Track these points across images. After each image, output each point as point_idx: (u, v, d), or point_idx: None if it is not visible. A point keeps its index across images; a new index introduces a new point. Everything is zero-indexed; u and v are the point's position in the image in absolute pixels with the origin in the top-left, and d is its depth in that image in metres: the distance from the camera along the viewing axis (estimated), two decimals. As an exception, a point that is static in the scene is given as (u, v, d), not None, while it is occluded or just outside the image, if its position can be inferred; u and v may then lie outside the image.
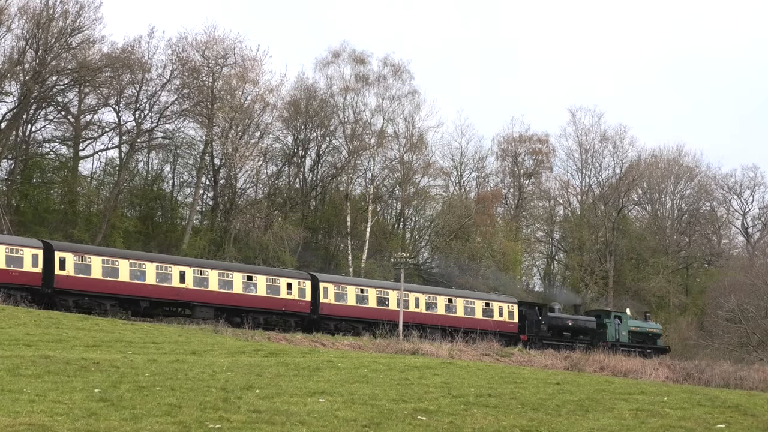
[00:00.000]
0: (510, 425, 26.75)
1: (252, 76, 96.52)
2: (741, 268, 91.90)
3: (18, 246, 65.39)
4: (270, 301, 74.26)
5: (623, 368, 76.33)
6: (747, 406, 35.42)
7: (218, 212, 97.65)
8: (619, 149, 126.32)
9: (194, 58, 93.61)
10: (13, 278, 63.49)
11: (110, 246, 78.10)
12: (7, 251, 63.93)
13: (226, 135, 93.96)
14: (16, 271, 63.90)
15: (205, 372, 34.01)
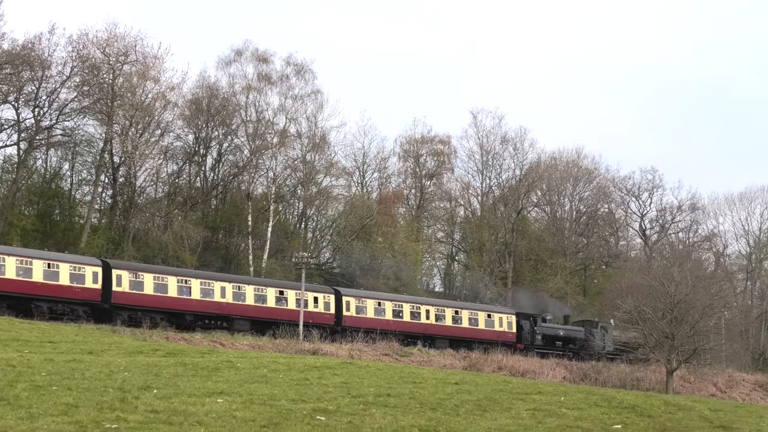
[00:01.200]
0: (409, 425, 26.87)
1: (153, 74, 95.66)
2: (638, 270, 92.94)
3: (80, 264, 70.71)
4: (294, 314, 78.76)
5: (521, 368, 76.94)
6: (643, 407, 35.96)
7: (117, 210, 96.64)
8: (520, 151, 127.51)
9: (95, 55, 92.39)
10: (76, 294, 69.13)
11: (7, 244, 77.10)
12: (71, 269, 69.51)
13: (126, 133, 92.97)
14: (79, 287, 69.30)
15: (102, 372, 33.70)
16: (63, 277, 69.08)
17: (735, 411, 40.01)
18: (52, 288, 68.34)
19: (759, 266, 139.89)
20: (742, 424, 34.91)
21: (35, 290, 67.52)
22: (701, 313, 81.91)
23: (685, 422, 33.54)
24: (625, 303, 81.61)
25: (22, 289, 66.83)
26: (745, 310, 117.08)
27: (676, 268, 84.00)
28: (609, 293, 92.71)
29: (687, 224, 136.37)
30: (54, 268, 69.03)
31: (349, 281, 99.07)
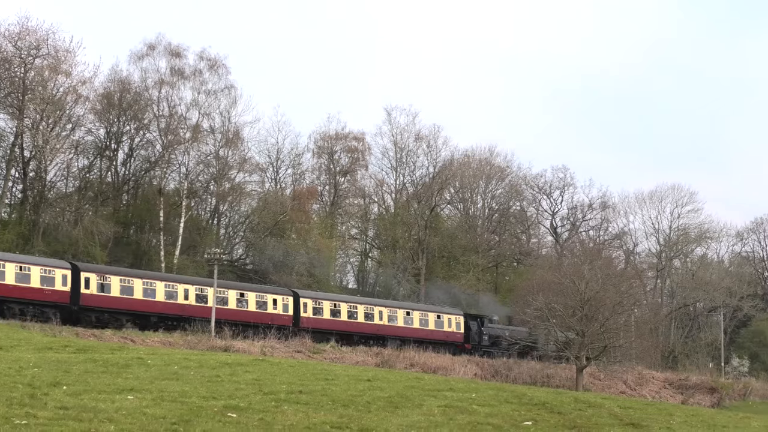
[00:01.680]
0: (320, 422, 26.83)
1: (65, 68, 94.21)
2: (549, 268, 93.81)
3: (50, 267, 72.05)
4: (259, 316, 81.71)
5: (433, 365, 77.26)
6: (554, 403, 36.23)
7: (27, 205, 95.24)
8: (433, 149, 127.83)
9: (6, 48, 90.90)
10: (46, 296, 70.23)
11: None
12: (42, 272, 70.85)
13: (37, 127, 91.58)
14: (49, 289, 70.60)
15: (12, 368, 33.28)
16: (34, 280, 70.11)
17: (645, 409, 40.45)
18: (23, 290, 69.41)
19: (669, 264, 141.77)
20: (651, 421, 35.29)
21: (7, 293, 68.31)
22: (611, 310, 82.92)
23: (595, 419, 33.84)
24: (536, 300, 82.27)
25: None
26: (655, 308, 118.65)
27: (587, 265, 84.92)
28: (520, 290, 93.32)
29: (598, 222, 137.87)
30: (26, 271, 70.06)
31: (262, 278, 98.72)
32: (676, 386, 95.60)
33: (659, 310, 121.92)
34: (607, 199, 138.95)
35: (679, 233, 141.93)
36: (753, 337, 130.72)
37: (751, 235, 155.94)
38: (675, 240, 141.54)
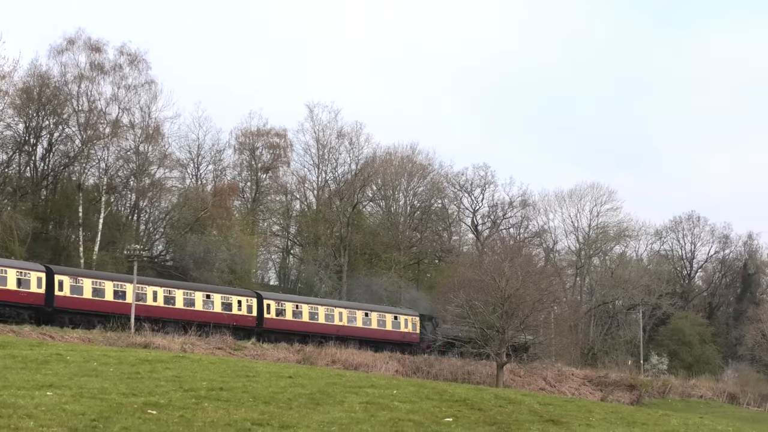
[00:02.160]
0: (241, 419, 26.73)
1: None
2: (470, 265, 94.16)
3: (26, 270, 73.77)
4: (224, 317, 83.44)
5: (354, 362, 77.22)
6: (474, 400, 36.39)
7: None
8: (355, 146, 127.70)
9: None
10: (22, 298, 71.97)
11: None
12: (17, 274, 72.53)
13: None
14: (25, 292, 72.33)
15: (-72, 365, 32.77)
16: (10, 282, 71.50)
17: (564, 405, 40.79)
18: (1, 293, 70.85)
19: (588, 262, 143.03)
20: (571, 418, 35.58)
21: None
22: (531, 307, 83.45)
23: (515, 416, 34.04)
24: (457, 297, 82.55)
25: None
26: (575, 306, 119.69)
27: (507, 263, 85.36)
28: (442, 287, 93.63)
29: (518, 220, 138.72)
30: (2, 273, 71.42)
31: (182, 274, 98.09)
32: (595, 383, 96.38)
33: (579, 308, 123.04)
34: (527, 197, 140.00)
35: (598, 231, 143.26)
36: (672, 335, 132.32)
37: (669, 234, 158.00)
38: (594, 238, 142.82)
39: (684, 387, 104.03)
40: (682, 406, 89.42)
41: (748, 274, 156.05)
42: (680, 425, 39.68)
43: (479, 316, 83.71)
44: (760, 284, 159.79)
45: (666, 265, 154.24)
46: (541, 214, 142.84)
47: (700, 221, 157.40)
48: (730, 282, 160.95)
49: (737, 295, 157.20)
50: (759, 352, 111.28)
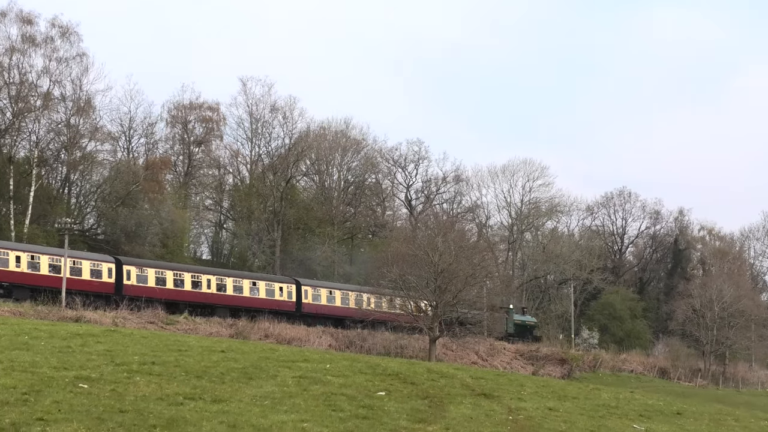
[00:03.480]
0: (173, 393, 26.59)
1: None
2: (404, 240, 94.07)
3: (98, 261, 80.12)
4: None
5: (288, 336, 77.12)
6: (407, 374, 36.47)
7: None
8: (289, 120, 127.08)
9: None
10: (95, 287, 77.88)
11: None
12: (91, 266, 78.82)
13: None
14: (97, 281, 78.62)
15: None
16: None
17: (496, 379, 41.01)
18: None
19: (520, 237, 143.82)
20: (502, 392, 35.78)
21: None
22: (464, 282, 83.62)
23: (448, 389, 34.16)
24: (390, 272, 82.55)
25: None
26: (507, 280, 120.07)
27: (440, 238, 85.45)
28: (375, 262, 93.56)
29: (451, 195, 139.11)
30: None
31: (113, 248, 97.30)
32: (527, 357, 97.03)
33: (510, 282, 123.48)
34: (460, 173, 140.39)
35: (530, 207, 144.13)
36: (602, 310, 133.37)
37: (601, 209, 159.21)
38: (526, 213, 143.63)
39: (615, 361, 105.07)
40: (612, 380, 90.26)
41: (679, 250, 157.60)
42: (611, 399, 40.02)
43: (412, 291, 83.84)
44: (691, 260, 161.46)
45: (597, 240, 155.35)
46: (474, 189, 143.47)
47: (631, 197, 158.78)
48: (660, 257, 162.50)
49: (668, 271, 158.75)
50: (689, 327, 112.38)
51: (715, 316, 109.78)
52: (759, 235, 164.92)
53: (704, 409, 43.39)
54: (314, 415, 25.58)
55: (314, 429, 23.56)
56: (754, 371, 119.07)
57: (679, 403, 44.17)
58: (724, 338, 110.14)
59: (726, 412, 43.12)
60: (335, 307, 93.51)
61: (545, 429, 28.71)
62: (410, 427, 25.62)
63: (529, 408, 32.83)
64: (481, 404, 31.91)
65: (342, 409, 27.13)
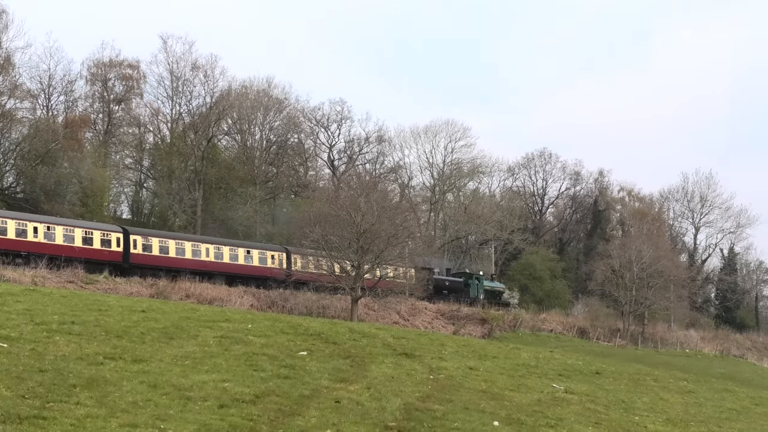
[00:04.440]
0: (93, 353, 26.43)
1: None
2: (326, 200, 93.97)
3: (108, 231, 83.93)
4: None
5: (209, 296, 76.91)
6: (329, 334, 36.54)
7: None
8: (210, 78, 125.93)
9: None
10: (105, 256, 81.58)
11: None
12: (101, 236, 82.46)
13: None
14: (107, 250, 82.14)
15: None
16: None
17: (417, 339, 41.23)
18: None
19: (442, 198, 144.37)
20: (424, 351, 35.99)
21: None
22: (386, 242, 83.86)
23: (369, 349, 34.30)
24: (313, 232, 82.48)
25: None
26: (429, 241, 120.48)
27: (363, 198, 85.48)
28: (298, 222, 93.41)
29: (374, 156, 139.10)
30: None
31: (33, 207, 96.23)
32: (448, 317, 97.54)
33: (432, 243, 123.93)
34: (383, 133, 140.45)
35: (452, 167, 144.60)
36: (523, 270, 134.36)
37: (522, 170, 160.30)
38: (448, 174, 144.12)
39: (534, 321, 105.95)
40: (532, 340, 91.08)
41: (599, 211, 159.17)
42: (530, 358, 40.41)
43: (335, 251, 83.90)
44: (610, 220, 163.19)
45: (518, 201, 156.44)
46: (396, 150, 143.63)
47: (551, 158, 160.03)
48: (580, 218, 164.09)
49: (587, 231, 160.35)
50: (608, 287, 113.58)
51: (634, 277, 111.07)
52: (678, 196, 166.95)
53: (623, 368, 43.96)
54: (235, 375, 25.57)
55: (235, 389, 23.55)
56: (673, 331, 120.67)
57: (598, 363, 44.71)
58: (643, 299, 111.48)
59: (645, 372, 43.73)
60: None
61: (465, 388, 28.92)
62: (332, 386, 25.70)
63: (450, 367, 33.05)
64: (403, 364, 32.08)
65: (263, 368, 27.13)
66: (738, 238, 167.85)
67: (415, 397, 25.76)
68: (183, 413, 20.12)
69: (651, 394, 35.39)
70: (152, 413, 19.83)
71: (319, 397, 23.90)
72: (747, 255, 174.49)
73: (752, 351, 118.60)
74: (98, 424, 18.31)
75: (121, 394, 21.54)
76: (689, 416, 31.34)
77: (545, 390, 31.44)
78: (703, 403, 35.72)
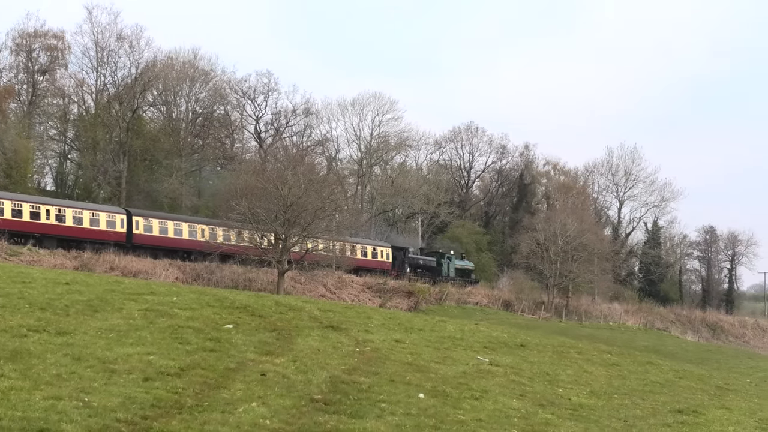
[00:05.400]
0: (17, 325, 26.17)
1: None
2: (253, 172, 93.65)
3: (112, 212, 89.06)
4: None
5: (134, 269, 76.45)
6: (255, 306, 36.44)
7: None
8: (136, 49, 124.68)
9: None
10: (110, 236, 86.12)
11: None
12: (107, 217, 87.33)
13: None
14: (112, 231, 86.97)
15: None
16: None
17: (344, 312, 41.24)
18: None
19: (369, 171, 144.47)
20: (350, 324, 36.03)
21: None
22: (313, 215, 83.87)
23: (296, 322, 34.27)
24: (239, 205, 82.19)
25: None
26: (356, 214, 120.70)
27: (290, 171, 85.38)
28: (224, 194, 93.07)
29: (301, 128, 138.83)
30: None
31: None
32: (374, 290, 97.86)
33: (360, 216, 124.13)
34: (310, 106, 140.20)
35: (379, 140, 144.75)
36: (449, 243, 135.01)
37: (449, 144, 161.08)
38: (376, 147, 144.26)
39: (460, 294, 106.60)
40: (458, 313, 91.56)
41: (524, 184, 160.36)
42: (456, 331, 40.61)
43: (262, 224, 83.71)
44: (535, 194, 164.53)
45: (445, 174, 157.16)
46: (324, 122, 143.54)
47: (478, 131, 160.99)
48: (506, 192, 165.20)
49: (513, 205, 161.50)
50: (533, 260, 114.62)
51: (559, 250, 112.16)
52: (603, 170, 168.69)
53: (547, 341, 44.31)
54: (161, 348, 25.45)
55: (160, 362, 23.44)
56: (597, 304, 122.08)
57: (522, 335, 45.04)
58: (568, 272, 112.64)
59: (569, 345, 44.09)
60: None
61: (391, 361, 29.03)
62: (258, 359, 25.67)
63: (376, 340, 33.15)
64: (329, 336, 32.11)
65: (189, 341, 27.04)
66: (662, 212, 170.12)
67: (341, 369, 25.81)
68: (107, 386, 20.00)
69: (575, 367, 35.72)
70: (76, 386, 19.69)
71: (244, 370, 23.87)
72: (671, 229, 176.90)
73: (675, 324, 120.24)
74: (22, 397, 18.16)
75: (45, 366, 21.36)
76: (613, 389, 31.68)
77: (470, 362, 31.63)
78: (626, 375, 36.10)
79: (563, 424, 23.31)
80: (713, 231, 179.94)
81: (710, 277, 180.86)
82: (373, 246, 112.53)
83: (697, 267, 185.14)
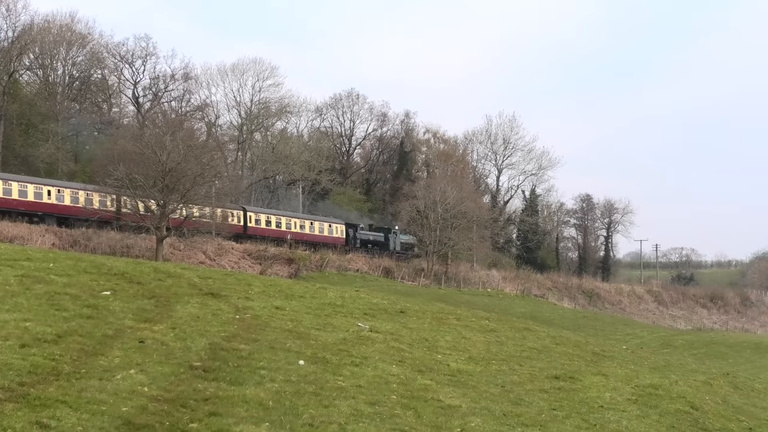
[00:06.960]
0: None
1: None
2: (131, 138, 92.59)
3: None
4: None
5: (9, 234, 75.21)
6: (133, 273, 36.07)
7: None
8: (12, 12, 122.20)
9: None
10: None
11: None
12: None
13: None
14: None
15: None
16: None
17: (224, 279, 41.02)
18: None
19: (250, 137, 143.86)
20: (230, 291, 35.87)
21: None
22: (192, 181, 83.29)
23: (174, 289, 34.02)
24: (117, 170, 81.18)
25: None
26: (236, 180, 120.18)
27: (169, 136, 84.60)
28: (101, 160, 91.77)
29: (180, 93, 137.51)
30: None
31: None
32: (255, 257, 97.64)
33: (240, 182, 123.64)
34: (189, 71, 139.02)
35: (260, 107, 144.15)
36: (331, 210, 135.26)
37: (330, 111, 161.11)
38: (256, 113, 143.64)
39: (341, 261, 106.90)
40: (339, 280, 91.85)
41: (404, 152, 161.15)
42: (336, 298, 40.67)
43: (140, 190, 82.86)
44: (416, 162, 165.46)
45: (326, 141, 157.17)
46: (203, 88, 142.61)
47: (359, 99, 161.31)
48: (387, 159, 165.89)
49: (394, 172, 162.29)
50: (413, 227, 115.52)
51: (439, 217, 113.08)
52: (482, 138, 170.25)
53: (427, 307, 44.64)
54: (37, 315, 25.07)
55: (37, 328, 23.10)
56: (475, 271, 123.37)
57: (402, 302, 45.28)
58: (447, 239, 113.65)
59: (448, 311, 44.47)
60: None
61: (272, 328, 28.98)
62: (136, 326, 25.44)
63: (256, 307, 33.05)
64: (209, 304, 31.93)
65: (66, 308, 26.68)
66: (539, 180, 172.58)
67: (220, 336, 25.71)
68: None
69: (454, 333, 36.04)
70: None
71: (122, 337, 23.64)
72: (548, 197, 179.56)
73: (552, 291, 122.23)
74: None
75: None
76: (491, 354, 32.05)
77: (350, 329, 31.73)
78: (504, 341, 36.54)
79: (442, 390, 23.53)
80: (590, 199, 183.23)
81: (587, 245, 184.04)
82: (329, 223, 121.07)
83: (574, 235, 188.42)
